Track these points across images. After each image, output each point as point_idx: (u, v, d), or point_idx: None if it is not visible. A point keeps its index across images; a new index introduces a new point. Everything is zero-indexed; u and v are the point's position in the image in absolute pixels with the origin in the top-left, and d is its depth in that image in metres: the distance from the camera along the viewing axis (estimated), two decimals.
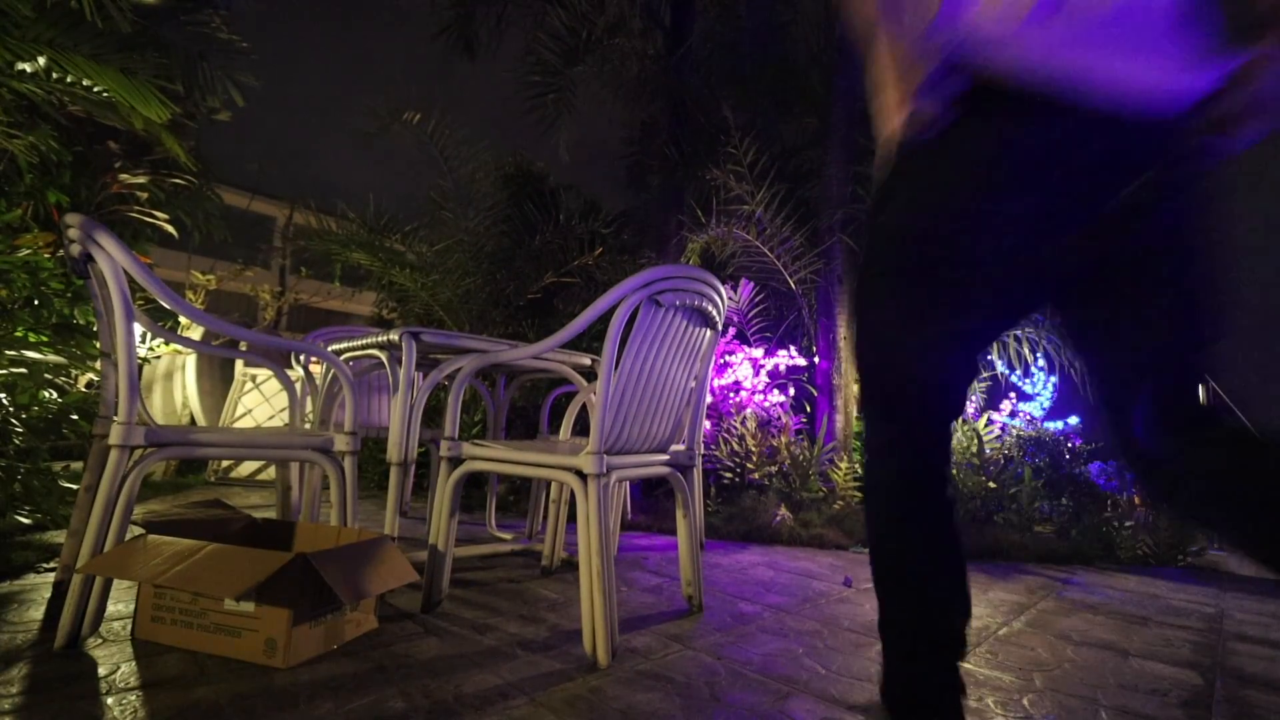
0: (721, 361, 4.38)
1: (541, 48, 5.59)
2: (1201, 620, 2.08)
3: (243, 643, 1.22)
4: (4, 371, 1.92)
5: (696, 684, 1.25)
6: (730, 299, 5.07)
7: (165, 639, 1.28)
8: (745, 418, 4.05)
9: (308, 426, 2.47)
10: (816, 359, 4.50)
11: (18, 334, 1.97)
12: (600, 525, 1.35)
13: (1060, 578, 2.64)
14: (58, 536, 2.04)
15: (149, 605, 1.30)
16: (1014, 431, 4.50)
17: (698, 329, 1.63)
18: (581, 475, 1.39)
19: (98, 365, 1.90)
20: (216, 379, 4.51)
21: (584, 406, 2.20)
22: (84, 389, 2.76)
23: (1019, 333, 4.23)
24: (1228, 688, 1.46)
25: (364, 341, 2.05)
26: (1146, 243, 0.78)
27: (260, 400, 4.24)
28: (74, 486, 2.01)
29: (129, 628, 1.34)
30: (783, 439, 3.77)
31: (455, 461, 1.61)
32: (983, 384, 4.97)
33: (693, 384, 1.73)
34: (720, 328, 1.71)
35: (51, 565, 1.78)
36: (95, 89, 2.32)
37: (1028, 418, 4.91)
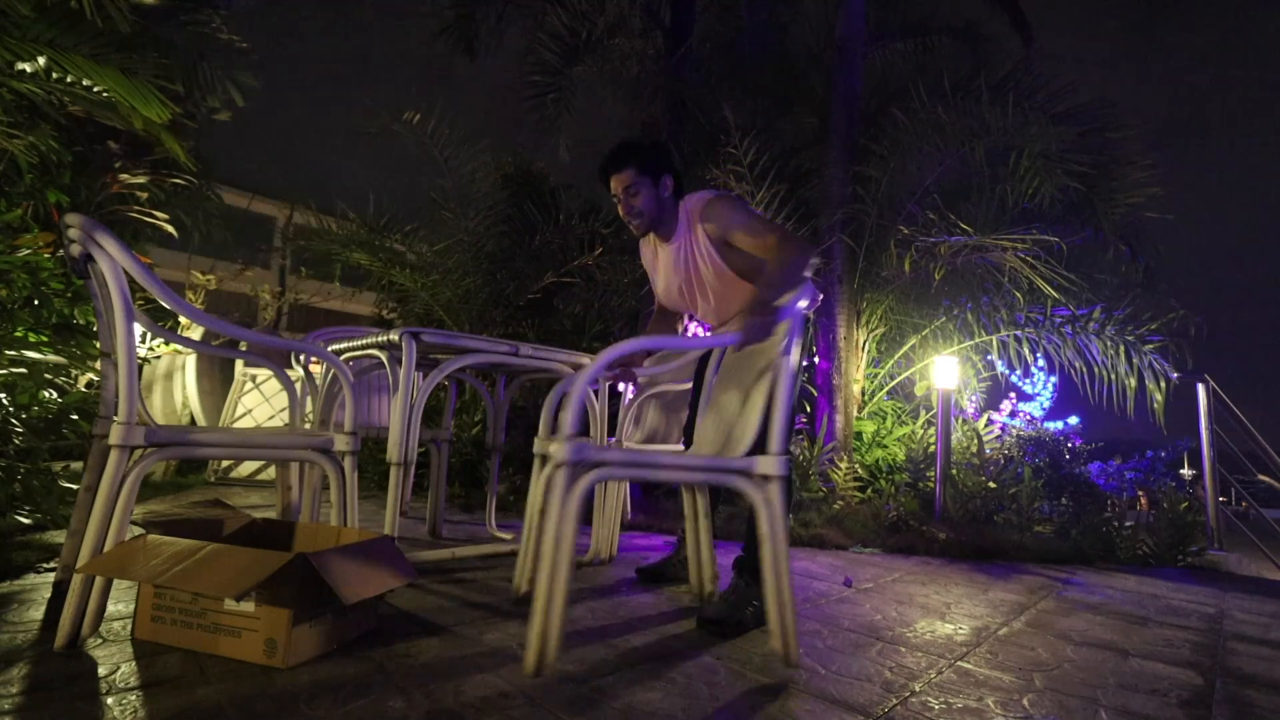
0: None
1: (541, 48, 5.59)
2: (1201, 620, 2.08)
3: (242, 643, 1.22)
4: (4, 371, 1.92)
5: (696, 684, 1.25)
6: None
7: (165, 639, 1.28)
8: None
9: (308, 426, 2.47)
10: (816, 359, 4.50)
11: (18, 334, 1.97)
12: (780, 532, 1.36)
13: (1060, 578, 2.64)
14: (58, 536, 2.04)
15: (149, 605, 1.30)
16: (1014, 431, 4.51)
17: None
18: (764, 478, 1.38)
19: (98, 365, 1.90)
20: (216, 379, 4.51)
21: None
22: (84, 389, 2.76)
23: (1019, 333, 4.23)
24: (1228, 688, 1.46)
25: (364, 341, 2.05)
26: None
27: (260, 400, 4.24)
28: (74, 486, 2.00)
29: (129, 628, 1.34)
30: None
31: (581, 467, 1.25)
32: (983, 384, 4.97)
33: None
34: None
35: (51, 565, 1.78)
36: (95, 89, 2.31)
37: (1028, 418, 4.91)
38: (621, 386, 2.55)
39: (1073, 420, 4.85)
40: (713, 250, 1.76)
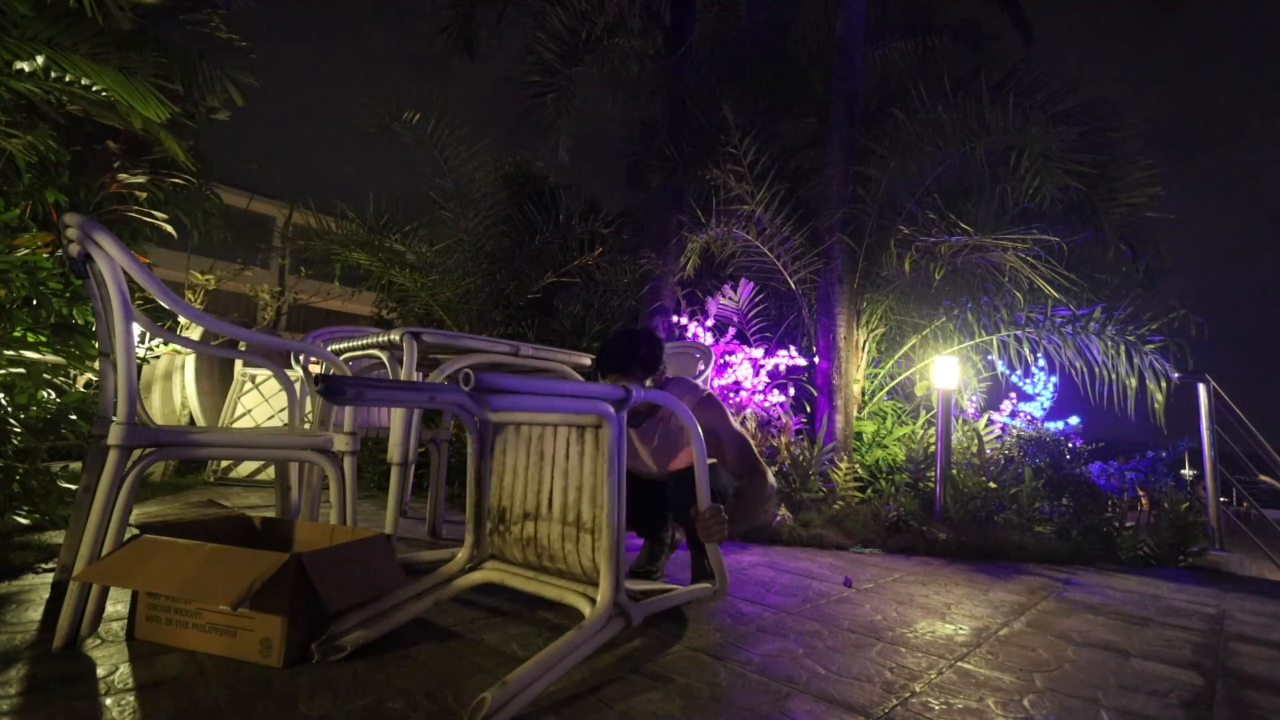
0: (721, 361, 4.37)
1: (541, 48, 5.58)
2: (1203, 621, 2.07)
3: (238, 642, 1.22)
4: (3, 371, 1.92)
5: (696, 684, 1.25)
6: (730, 299, 5.07)
7: (162, 638, 1.28)
8: (745, 418, 4.05)
9: (307, 426, 2.47)
10: (816, 359, 4.50)
11: (16, 334, 1.97)
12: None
13: (1061, 578, 2.63)
14: (56, 537, 2.04)
15: (145, 605, 1.30)
16: (1014, 431, 4.50)
17: None
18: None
19: (96, 365, 1.90)
20: (216, 379, 4.50)
21: None
22: (83, 389, 2.76)
23: (1019, 333, 4.23)
24: (1229, 689, 1.45)
25: (364, 341, 2.04)
26: None
27: (260, 400, 4.23)
28: (73, 487, 2.00)
29: (127, 628, 1.34)
30: (783, 439, 3.77)
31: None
32: (983, 384, 4.97)
33: None
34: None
35: (50, 565, 1.78)
36: (94, 88, 2.31)
37: (1028, 418, 4.90)
38: None
39: (1073, 420, 4.84)
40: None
